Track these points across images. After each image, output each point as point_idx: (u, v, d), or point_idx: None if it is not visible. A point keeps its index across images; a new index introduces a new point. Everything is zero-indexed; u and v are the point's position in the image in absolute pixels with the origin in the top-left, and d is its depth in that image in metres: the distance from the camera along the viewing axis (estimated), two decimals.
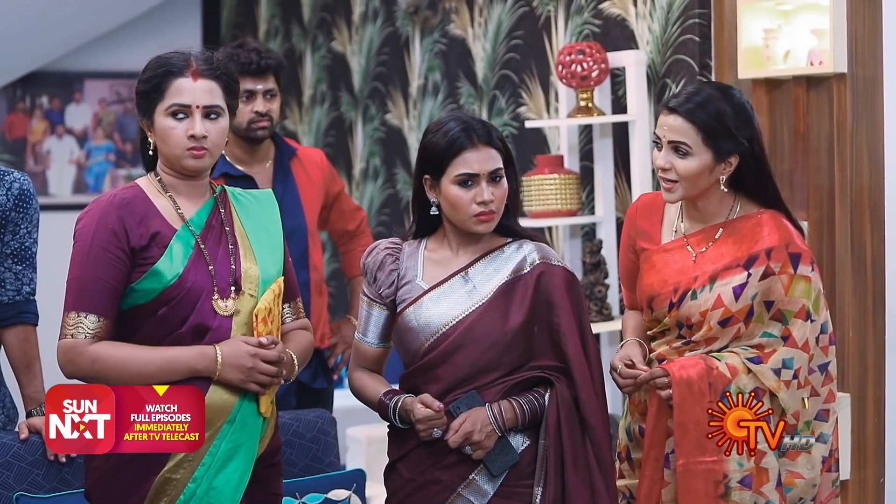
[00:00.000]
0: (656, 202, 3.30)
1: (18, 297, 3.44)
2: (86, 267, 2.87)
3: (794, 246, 3.13)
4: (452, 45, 5.67)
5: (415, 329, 3.09)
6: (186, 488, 2.85)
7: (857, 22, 3.94)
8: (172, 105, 2.88)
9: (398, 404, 3.07)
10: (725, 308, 3.11)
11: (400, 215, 6.02)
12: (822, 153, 4.04)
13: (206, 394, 2.85)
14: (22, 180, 3.44)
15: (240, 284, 2.92)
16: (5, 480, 3.30)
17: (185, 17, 7.50)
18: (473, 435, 3.00)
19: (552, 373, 3.08)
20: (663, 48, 4.49)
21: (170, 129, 2.89)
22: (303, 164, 4.26)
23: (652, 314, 3.23)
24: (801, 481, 3.14)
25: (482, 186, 3.05)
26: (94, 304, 2.86)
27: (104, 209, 2.90)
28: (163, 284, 2.86)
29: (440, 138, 3.08)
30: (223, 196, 3.02)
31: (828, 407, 3.17)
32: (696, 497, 3.07)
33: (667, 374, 3.10)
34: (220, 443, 2.88)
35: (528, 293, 3.08)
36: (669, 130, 3.12)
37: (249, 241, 2.99)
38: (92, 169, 7.42)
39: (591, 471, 3.04)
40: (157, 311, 2.87)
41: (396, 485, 3.13)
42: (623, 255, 3.37)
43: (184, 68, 2.90)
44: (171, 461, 2.85)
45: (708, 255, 3.16)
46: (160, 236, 2.88)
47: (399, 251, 3.17)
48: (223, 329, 2.89)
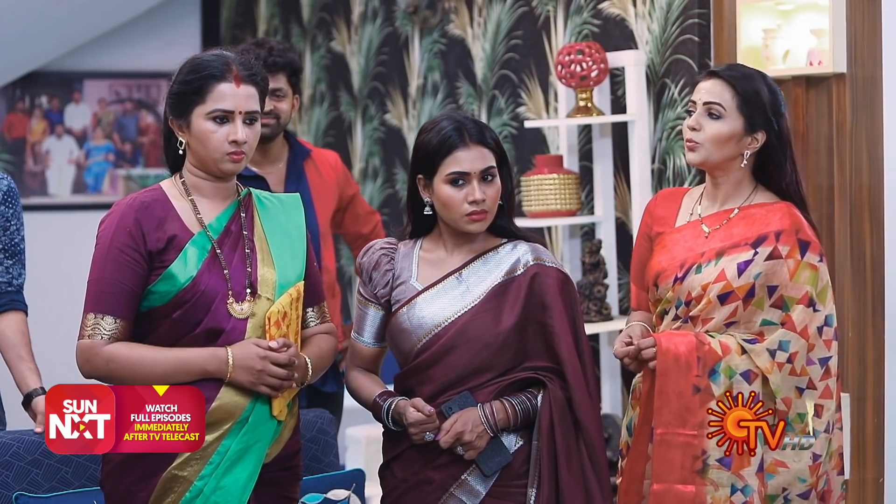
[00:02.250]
0: (676, 193, 3.35)
1: (10, 288, 3.49)
2: (104, 269, 2.90)
3: (805, 233, 3.15)
4: (452, 45, 5.67)
5: (408, 330, 3.10)
6: (193, 486, 2.87)
7: (856, 22, 3.94)
8: (216, 110, 2.91)
9: (391, 407, 3.07)
10: (727, 282, 3.12)
11: (399, 215, 6.02)
12: (822, 153, 4.04)
13: (217, 394, 2.87)
14: (8, 179, 3.50)
15: (255, 288, 2.94)
16: (4, 480, 3.30)
17: (184, 17, 7.50)
18: (464, 435, 3.01)
19: (545, 374, 3.08)
20: (663, 48, 4.49)
21: (210, 132, 2.91)
22: (316, 166, 4.26)
23: (657, 292, 3.24)
24: (785, 470, 3.12)
25: (473, 185, 3.05)
26: (110, 305, 2.88)
27: (123, 212, 2.93)
28: (176, 287, 2.89)
29: (433, 137, 3.09)
30: (248, 199, 3.04)
31: (823, 403, 3.14)
32: (670, 468, 3.07)
33: (654, 343, 3.11)
34: (231, 443, 2.89)
35: (522, 294, 3.08)
36: (707, 93, 3.18)
37: (269, 245, 3.01)
38: (91, 169, 7.42)
39: (585, 471, 3.04)
40: (173, 314, 2.90)
41: (390, 484, 3.15)
42: (638, 245, 3.39)
43: (226, 72, 2.92)
44: (179, 458, 2.86)
45: (719, 234, 3.19)
46: (177, 240, 2.92)
47: (394, 251, 3.18)
48: (237, 331, 2.92)
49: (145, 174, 7.46)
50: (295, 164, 4.20)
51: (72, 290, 6.92)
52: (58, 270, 6.70)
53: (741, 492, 3.08)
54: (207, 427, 2.86)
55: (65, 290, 6.99)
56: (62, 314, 6.89)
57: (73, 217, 7.27)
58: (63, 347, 6.74)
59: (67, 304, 6.97)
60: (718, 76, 3.18)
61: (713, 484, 3.07)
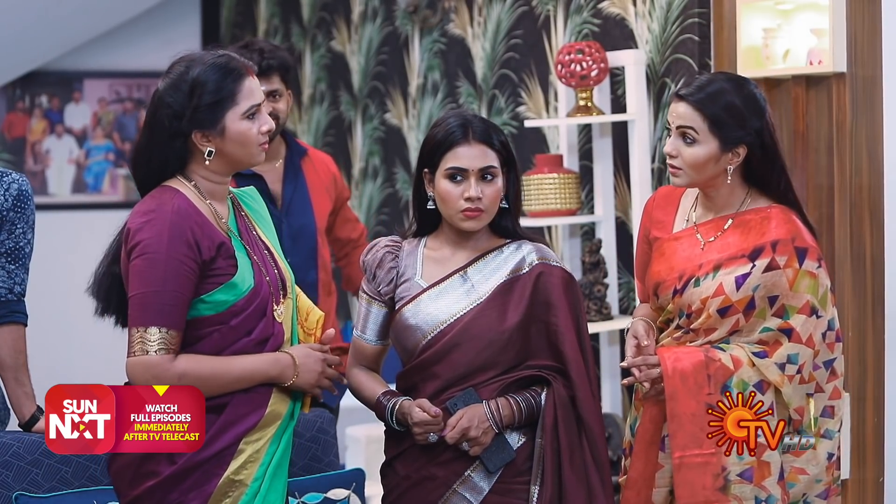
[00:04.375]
0: (674, 193, 3.32)
1: (10, 297, 3.45)
2: (164, 280, 2.79)
3: (801, 240, 3.13)
4: (452, 45, 5.67)
5: (412, 326, 3.10)
6: (249, 488, 2.86)
7: (856, 21, 3.94)
8: (252, 106, 2.88)
9: (396, 407, 3.07)
10: (725, 297, 3.11)
11: (399, 214, 6.02)
12: (822, 153, 4.04)
13: (269, 398, 2.89)
14: (21, 181, 3.45)
15: (287, 288, 2.97)
16: (4, 480, 3.30)
17: (184, 17, 7.49)
18: (470, 431, 3.01)
19: (548, 372, 3.08)
20: (663, 48, 4.49)
21: (248, 129, 2.88)
22: (313, 164, 4.26)
23: (658, 301, 3.24)
24: (805, 477, 3.14)
25: (471, 182, 3.06)
26: (174, 319, 2.80)
27: (173, 220, 2.81)
28: (237, 296, 2.85)
29: (439, 132, 3.11)
30: (235, 201, 3.03)
31: (833, 404, 3.17)
32: (693, 490, 3.07)
33: (658, 364, 3.10)
34: (277, 443, 2.91)
35: (527, 293, 3.09)
36: (678, 117, 3.14)
37: (270, 242, 3.02)
38: (91, 168, 7.42)
39: (588, 469, 3.05)
40: (230, 321, 2.86)
41: (392, 482, 3.15)
42: (639, 247, 3.39)
43: (246, 69, 2.91)
44: (234, 463, 2.84)
45: (715, 245, 3.17)
46: (225, 247, 2.86)
47: (398, 249, 3.19)
48: (279, 335, 2.93)
49: None
50: (292, 163, 4.20)
51: (71, 289, 6.93)
52: (58, 270, 6.69)
53: (765, 502, 3.08)
54: (260, 430, 2.87)
55: (64, 290, 6.99)
56: (62, 314, 6.90)
57: (73, 216, 7.27)
58: (62, 347, 6.79)
59: (67, 303, 6.98)
60: (684, 99, 3.13)
61: (737, 499, 3.07)
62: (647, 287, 3.28)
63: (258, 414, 2.87)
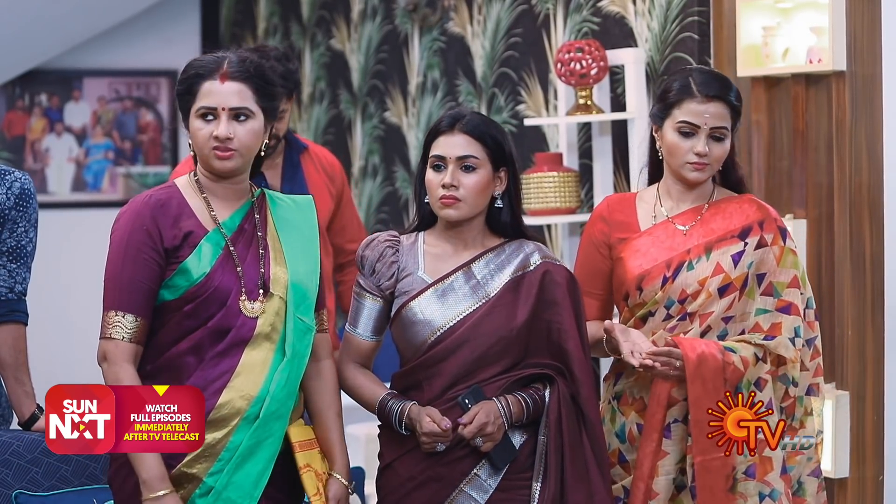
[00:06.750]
0: (626, 198, 3.37)
1: (11, 296, 3.45)
2: (122, 267, 2.90)
3: (780, 221, 3.25)
4: (451, 43, 5.67)
5: (420, 322, 3.09)
6: (203, 482, 2.88)
7: (856, 20, 3.94)
8: (201, 108, 2.93)
9: (403, 412, 3.06)
10: (725, 274, 3.17)
11: (399, 213, 6.02)
12: (821, 151, 4.04)
13: (221, 395, 2.89)
14: (23, 180, 3.45)
15: (268, 287, 2.97)
16: (4, 478, 3.31)
17: (184, 15, 7.50)
18: (487, 427, 3.01)
19: (551, 370, 3.09)
20: (662, 46, 4.49)
21: (197, 130, 2.95)
22: (313, 161, 4.26)
23: (640, 296, 3.24)
24: (802, 457, 3.21)
25: (448, 171, 3.07)
26: (130, 304, 2.89)
27: (139, 209, 2.93)
28: (190, 282, 2.91)
29: (434, 124, 3.15)
30: (261, 199, 3.06)
31: (818, 381, 3.24)
32: (712, 494, 3.10)
33: (681, 357, 3.11)
34: (241, 439, 2.90)
35: (534, 290, 3.10)
36: (712, 118, 3.18)
37: (281, 245, 3.02)
38: (91, 167, 7.42)
39: (589, 465, 3.06)
40: (184, 307, 2.92)
41: (393, 484, 3.11)
42: (587, 258, 3.35)
43: (213, 70, 2.94)
44: (188, 456, 2.87)
45: (697, 230, 3.23)
46: (192, 236, 2.93)
47: (398, 244, 3.18)
48: (247, 328, 2.93)
49: (145, 172, 7.47)
50: (291, 159, 4.20)
51: (71, 287, 6.96)
52: (57, 268, 6.70)
53: (769, 497, 3.12)
54: (215, 425, 2.87)
55: (64, 288, 7.01)
56: (61, 312, 6.91)
57: (73, 215, 7.27)
58: (62, 346, 6.79)
59: (67, 301, 7.00)
60: (721, 100, 3.19)
61: (742, 496, 3.11)
62: (623, 287, 3.27)
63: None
